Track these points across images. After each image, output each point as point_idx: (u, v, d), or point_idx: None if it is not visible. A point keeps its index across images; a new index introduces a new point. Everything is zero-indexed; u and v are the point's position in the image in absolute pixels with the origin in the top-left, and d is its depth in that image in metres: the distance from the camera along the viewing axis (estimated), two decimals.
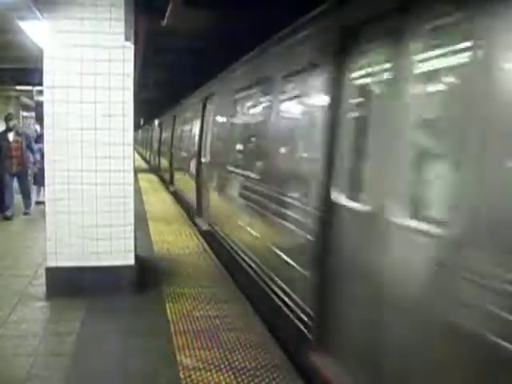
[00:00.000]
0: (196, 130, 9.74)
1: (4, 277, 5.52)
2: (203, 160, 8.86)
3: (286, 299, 4.18)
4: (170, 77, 14.00)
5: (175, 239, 7.64)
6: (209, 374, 3.46)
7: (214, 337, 4.06)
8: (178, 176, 12.94)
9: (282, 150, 4.79)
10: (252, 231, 5.46)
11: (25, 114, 14.24)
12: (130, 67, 4.86)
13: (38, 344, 3.86)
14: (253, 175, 5.46)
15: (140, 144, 35.25)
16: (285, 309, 4.19)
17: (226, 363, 3.62)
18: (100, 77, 4.80)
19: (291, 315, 4.03)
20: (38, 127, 15.63)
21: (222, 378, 3.41)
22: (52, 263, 4.90)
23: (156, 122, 23.44)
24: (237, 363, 3.63)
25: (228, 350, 3.82)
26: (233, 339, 4.02)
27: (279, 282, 4.46)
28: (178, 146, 13.07)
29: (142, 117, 32.59)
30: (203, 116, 9.15)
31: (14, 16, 5.94)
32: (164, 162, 16.45)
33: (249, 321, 4.44)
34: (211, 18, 7.78)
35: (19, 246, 6.93)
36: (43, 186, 5.97)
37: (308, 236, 3.75)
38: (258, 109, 5.77)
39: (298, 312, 3.89)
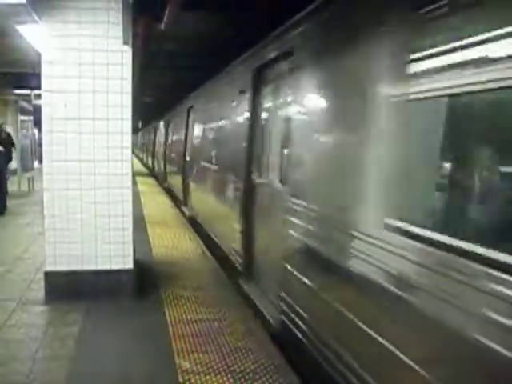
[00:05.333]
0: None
1: (2, 281, 5.52)
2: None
3: (233, 245, 6.02)
4: (169, 80, 14.01)
5: (174, 243, 7.64)
6: (208, 377, 3.46)
7: (213, 340, 4.05)
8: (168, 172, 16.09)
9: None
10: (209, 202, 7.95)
11: (23, 117, 14.21)
12: (128, 71, 4.86)
13: (37, 348, 3.85)
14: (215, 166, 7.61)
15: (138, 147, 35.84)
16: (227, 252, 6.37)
17: (225, 367, 3.61)
18: (98, 80, 4.80)
19: (231, 256, 6.11)
20: (36, 131, 15.63)
21: (221, 381, 3.41)
22: (51, 267, 4.89)
23: (151, 126, 26.71)
24: (236, 366, 3.62)
25: (227, 354, 3.82)
26: (232, 342, 4.02)
27: (223, 234, 6.77)
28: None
29: (141, 120, 32.57)
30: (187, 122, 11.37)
31: (12, 20, 5.95)
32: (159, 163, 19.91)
33: (248, 324, 4.43)
34: (209, 22, 7.79)
35: (17, 249, 6.92)
36: None
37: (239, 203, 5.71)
38: (214, 119, 8.01)
39: (235, 254, 5.86)
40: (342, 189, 3.18)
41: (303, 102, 3.98)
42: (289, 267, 3.96)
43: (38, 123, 13.34)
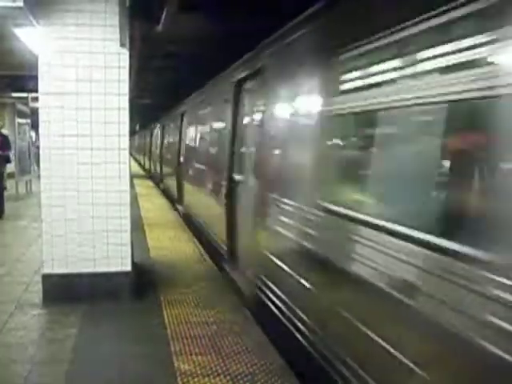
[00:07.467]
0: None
1: (0, 283, 5.51)
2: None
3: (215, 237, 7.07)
4: (166, 82, 14.03)
5: (172, 245, 7.64)
6: (206, 379, 3.45)
7: (211, 342, 4.05)
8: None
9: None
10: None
11: (20, 120, 14.19)
12: (125, 73, 4.86)
13: (35, 351, 3.85)
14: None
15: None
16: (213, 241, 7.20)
17: (224, 369, 3.61)
18: (95, 83, 4.80)
19: (218, 246, 6.84)
20: (33, 134, 15.59)
21: (219, 383, 3.41)
22: (48, 270, 4.89)
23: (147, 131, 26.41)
24: (234, 368, 3.62)
25: (226, 356, 3.81)
26: (230, 344, 4.02)
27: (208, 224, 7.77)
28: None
29: (138, 122, 32.56)
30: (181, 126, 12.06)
31: (9, 23, 5.94)
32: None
33: (246, 326, 4.43)
34: (207, 24, 7.80)
35: (15, 252, 6.91)
36: None
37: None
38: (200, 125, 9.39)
39: (222, 244, 6.53)
40: None
41: None
42: None
43: (35, 126, 13.31)
